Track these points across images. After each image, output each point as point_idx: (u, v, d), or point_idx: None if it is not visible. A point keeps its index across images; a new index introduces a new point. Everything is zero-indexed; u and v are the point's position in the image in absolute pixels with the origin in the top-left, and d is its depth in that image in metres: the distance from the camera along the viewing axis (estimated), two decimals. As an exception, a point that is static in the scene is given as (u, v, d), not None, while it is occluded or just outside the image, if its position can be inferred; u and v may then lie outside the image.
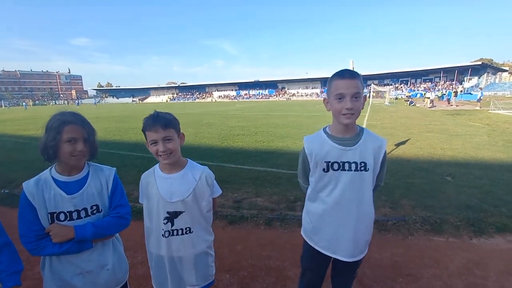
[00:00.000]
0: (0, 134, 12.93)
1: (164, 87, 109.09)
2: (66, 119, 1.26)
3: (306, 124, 13.55)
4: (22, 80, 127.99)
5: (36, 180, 1.28)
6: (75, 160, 1.28)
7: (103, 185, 1.38)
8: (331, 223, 1.52)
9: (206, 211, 1.53)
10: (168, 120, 1.40)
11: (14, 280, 1.21)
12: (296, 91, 79.91)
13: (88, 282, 1.33)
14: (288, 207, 3.94)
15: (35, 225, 1.23)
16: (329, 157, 1.46)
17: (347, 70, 1.40)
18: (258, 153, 7.25)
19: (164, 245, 1.45)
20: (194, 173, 1.48)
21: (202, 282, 1.54)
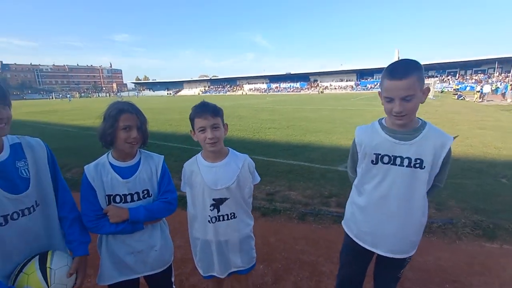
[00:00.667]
0: (52, 123, 14.36)
1: (196, 80, 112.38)
2: (123, 107, 1.37)
3: (340, 119, 13.06)
4: (69, 74, 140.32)
5: (96, 164, 1.40)
6: (129, 147, 1.38)
7: (153, 172, 1.47)
8: (374, 217, 1.47)
9: (248, 197, 1.59)
10: (217, 109, 1.45)
11: (83, 249, 1.31)
12: (329, 83, 77.14)
13: (139, 261, 1.45)
14: (322, 202, 3.85)
15: (95, 206, 1.36)
16: (380, 149, 1.41)
17: (399, 66, 1.29)
18: (290, 147, 7.17)
19: (211, 230, 1.51)
20: (236, 161, 1.53)
21: (246, 264, 1.60)
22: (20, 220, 1.14)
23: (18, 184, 1.14)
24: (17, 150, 1.18)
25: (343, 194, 4.06)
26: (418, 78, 1.25)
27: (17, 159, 1.17)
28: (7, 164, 1.13)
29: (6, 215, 1.10)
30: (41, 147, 1.27)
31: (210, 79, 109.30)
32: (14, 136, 1.22)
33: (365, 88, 66.32)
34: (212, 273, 1.60)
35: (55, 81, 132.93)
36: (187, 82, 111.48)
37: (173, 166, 5.87)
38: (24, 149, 1.20)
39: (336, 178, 4.75)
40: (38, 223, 1.22)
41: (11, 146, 1.18)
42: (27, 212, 1.16)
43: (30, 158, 1.21)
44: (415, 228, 1.46)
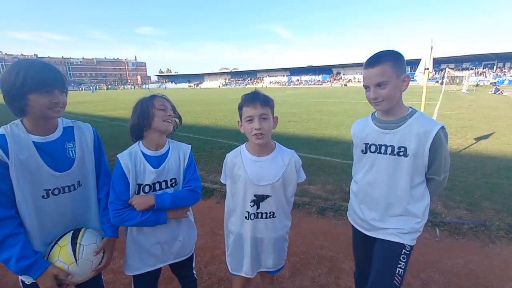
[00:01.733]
0: (82, 114, 15.09)
1: (217, 72, 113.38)
2: (153, 94, 1.46)
3: (363, 112, 12.53)
4: (98, 67, 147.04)
5: (129, 152, 1.41)
6: (168, 125, 1.42)
7: (180, 160, 1.49)
8: (364, 203, 1.52)
9: (291, 196, 1.51)
10: (267, 98, 1.38)
11: (113, 231, 1.37)
12: (352, 76, 74.50)
13: (165, 251, 1.48)
14: (343, 198, 3.74)
15: (124, 195, 1.36)
16: (368, 139, 1.47)
17: (373, 55, 1.35)
18: (311, 141, 7.04)
19: (249, 226, 1.45)
20: (283, 157, 1.44)
21: (277, 265, 1.55)
22: (60, 196, 1.23)
23: (63, 163, 1.23)
24: (69, 133, 1.28)
25: (365, 190, 3.93)
26: (392, 65, 1.29)
27: (67, 140, 1.26)
28: (57, 144, 1.22)
29: (48, 189, 1.19)
30: (89, 133, 1.36)
31: (231, 72, 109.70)
32: (69, 120, 1.32)
33: (391, 81, 63.35)
34: (240, 273, 1.54)
35: (84, 74, 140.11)
36: (208, 75, 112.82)
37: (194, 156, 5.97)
38: (74, 132, 1.30)
39: (358, 173, 4.60)
40: (77, 202, 1.29)
41: (64, 128, 1.27)
42: (68, 190, 1.25)
43: (78, 141, 1.29)
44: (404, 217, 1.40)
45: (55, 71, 1.15)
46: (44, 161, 1.17)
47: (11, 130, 1.14)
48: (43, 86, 1.10)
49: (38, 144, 1.17)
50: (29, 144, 1.15)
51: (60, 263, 1.19)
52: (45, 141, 1.19)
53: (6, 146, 1.10)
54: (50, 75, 1.12)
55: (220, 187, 4.20)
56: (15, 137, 1.13)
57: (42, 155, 1.17)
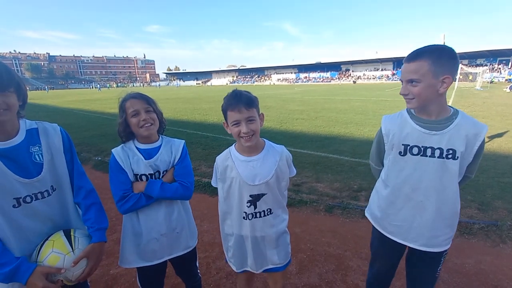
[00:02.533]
0: (93, 111, 15.40)
1: (224, 70, 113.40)
2: (126, 96, 1.46)
3: (372, 110, 12.42)
4: (108, 65, 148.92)
5: (122, 146, 1.49)
6: (144, 130, 1.42)
7: (173, 154, 1.53)
8: (404, 210, 1.41)
9: (284, 190, 1.50)
10: (251, 100, 1.32)
11: (99, 236, 1.27)
12: (362, 73, 73.41)
13: (163, 243, 1.50)
14: (351, 196, 3.73)
15: (124, 185, 1.41)
16: (409, 140, 1.35)
17: (414, 50, 1.27)
18: (319, 138, 7.00)
19: (248, 226, 1.44)
20: (274, 153, 1.43)
21: (283, 260, 1.54)
22: (33, 204, 1.15)
23: (30, 169, 1.14)
24: (33, 135, 1.19)
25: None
26: (431, 63, 1.19)
27: (32, 144, 1.17)
28: (20, 148, 1.13)
29: (19, 197, 1.11)
30: (56, 133, 1.26)
31: (238, 69, 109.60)
32: (33, 122, 1.23)
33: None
34: (246, 269, 1.55)
35: (95, 72, 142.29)
36: (215, 72, 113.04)
37: (201, 154, 6.02)
38: (40, 135, 1.21)
39: (366, 172, 4.55)
40: (53, 207, 1.23)
41: (28, 131, 1.18)
42: (41, 196, 1.17)
43: (45, 144, 1.20)
44: (451, 221, 1.39)
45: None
46: (8, 168, 1.09)
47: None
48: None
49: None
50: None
51: (55, 254, 1.14)
52: (6, 146, 1.10)
53: None
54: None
55: (228, 184, 4.24)
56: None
57: (5, 162, 1.08)
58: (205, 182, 4.20)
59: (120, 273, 2.43)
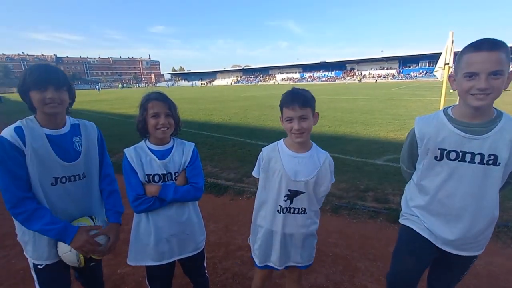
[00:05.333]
0: (99, 112, 15.58)
1: (229, 70, 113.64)
2: (150, 96, 1.48)
3: (378, 109, 12.32)
4: (113, 66, 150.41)
5: (135, 147, 1.51)
6: (160, 133, 1.45)
7: (184, 156, 1.54)
8: (439, 216, 1.35)
9: (322, 196, 1.52)
10: (307, 99, 1.35)
11: (116, 217, 1.50)
12: (367, 72, 72.79)
13: (173, 244, 1.52)
14: (358, 196, 3.70)
15: (136, 186, 1.44)
16: (446, 144, 1.26)
17: (487, 39, 1.11)
18: (324, 138, 6.95)
19: (279, 220, 1.48)
20: (319, 156, 1.46)
21: (305, 261, 1.57)
22: (66, 184, 1.36)
23: (71, 154, 1.36)
24: (76, 129, 1.43)
25: (381, 189, 3.86)
26: (506, 56, 1.08)
27: (75, 135, 1.40)
28: (66, 137, 1.36)
29: (57, 177, 1.32)
30: (93, 129, 1.51)
31: (243, 69, 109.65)
32: (75, 119, 1.48)
33: (408, 77, 61.59)
34: (269, 264, 1.58)
35: (101, 73, 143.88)
36: (220, 72, 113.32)
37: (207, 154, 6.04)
38: (80, 129, 1.44)
39: (373, 172, 4.52)
40: (81, 191, 1.42)
41: (72, 125, 1.42)
42: (73, 179, 1.38)
43: (84, 136, 1.43)
44: (486, 226, 1.32)
45: (51, 71, 1.26)
46: (54, 151, 1.30)
47: (27, 123, 1.28)
48: (37, 84, 1.23)
49: (50, 136, 1.31)
50: (42, 135, 1.28)
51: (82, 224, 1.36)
52: (55, 134, 1.33)
53: (23, 136, 1.23)
54: (45, 74, 1.24)
55: (233, 184, 4.24)
56: (30, 129, 1.26)
57: (52, 146, 1.30)
58: (210, 182, 4.20)
59: (127, 273, 2.45)
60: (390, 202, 3.51)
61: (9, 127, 1.25)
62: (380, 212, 3.30)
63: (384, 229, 3.04)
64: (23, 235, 1.35)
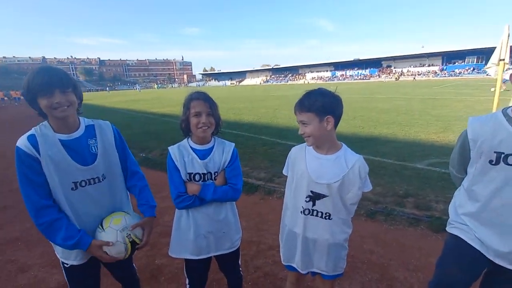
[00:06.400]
0: (136, 111, 16.53)
1: (258, 69, 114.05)
2: (193, 96, 1.51)
3: (418, 110, 11.50)
4: (150, 67, 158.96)
5: (178, 145, 1.56)
6: (201, 131, 1.48)
7: (224, 156, 1.57)
8: (492, 226, 1.25)
9: (350, 203, 1.41)
10: (309, 104, 1.30)
11: (151, 212, 1.50)
12: (406, 69, 68.25)
13: (210, 240, 1.56)
14: (396, 202, 3.49)
15: (179, 184, 1.50)
16: (503, 147, 1.16)
17: None
18: (358, 139, 6.68)
19: (301, 222, 1.45)
20: (347, 159, 1.37)
21: (330, 270, 1.49)
22: (87, 188, 1.34)
23: (87, 158, 1.33)
24: (90, 130, 1.38)
25: (422, 195, 3.60)
26: None
27: (89, 137, 1.37)
28: (80, 140, 1.33)
29: (76, 182, 1.31)
30: (109, 129, 1.45)
31: (272, 69, 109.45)
32: (89, 119, 1.43)
33: (452, 74, 56.65)
34: (292, 264, 1.57)
35: (138, 74, 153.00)
36: (249, 72, 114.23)
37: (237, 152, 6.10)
38: (96, 130, 1.40)
39: (414, 176, 4.22)
40: (103, 192, 1.40)
41: (86, 126, 1.38)
42: (93, 182, 1.35)
43: (100, 138, 1.39)
44: None
45: (54, 74, 1.20)
46: (70, 157, 1.28)
47: (40, 130, 1.26)
48: (42, 89, 1.18)
49: (64, 141, 1.28)
50: (56, 142, 1.26)
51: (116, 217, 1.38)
52: (69, 138, 1.30)
53: (37, 144, 1.22)
54: (48, 78, 1.18)
55: (264, 184, 4.24)
56: (44, 136, 1.25)
57: (68, 151, 1.28)
58: (241, 181, 4.24)
59: (164, 264, 2.57)
60: (433, 209, 3.26)
61: (24, 136, 1.24)
62: (421, 220, 3.08)
63: (425, 238, 2.83)
64: None
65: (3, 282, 2.43)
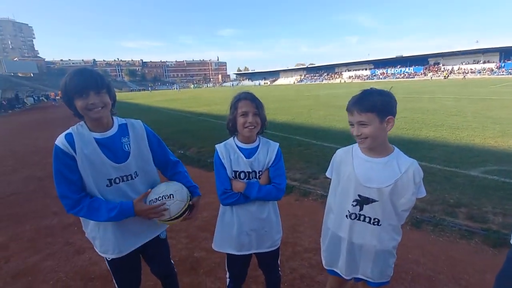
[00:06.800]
0: (173, 110, 17.37)
1: (292, 69, 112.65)
2: (240, 96, 1.54)
3: (471, 111, 10.42)
4: (187, 68, 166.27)
5: (225, 143, 1.60)
6: (247, 131, 1.50)
7: (269, 156, 1.58)
8: None
9: (403, 209, 1.33)
10: (370, 103, 1.23)
11: (198, 192, 1.62)
12: (457, 67, 62.13)
13: (252, 238, 1.59)
14: (446, 211, 3.20)
15: (225, 181, 1.55)
16: None
17: None
18: (401, 142, 6.24)
19: (347, 227, 1.40)
20: (400, 163, 1.30)
21: (376, 278, 1.43)
22: (120, 184, 1.39)
23: (120, 155, 1.38)
24: (123, 129, 1.43)
25: (477, 206, 3.26)
26: None
27: (122, 135, 1.41)
28: (114, 139, 1.38)
29: (111, 179, 1.36)
30: (141, 128, 1.49)
31: (307, 68, 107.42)
32: (122, 119, 1.48)
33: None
34: (335, 269, 1.53)
35: (176, 75, 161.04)
36: (283, 71, 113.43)
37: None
38: (128, 129, 1.45)
39: (467, 184, 3.84)
40: (136, 189, 1.44)
41: (119, 125, 1.43)
42: (126, 179, 1.40)
43: (132, 136, 1.44)
44: None
45: (89, 76, 1.25)
46: (104, 155, 1.32)
47: (77, 129, 1.32)
48: (78, 91, 1.24)
49: (99, 140, 1.33)
50: (91, 140, 1.31)
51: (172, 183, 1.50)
52: (104, 137, 1.35)
53: (73, 142, 1.27)
54: (82, 80, 1.23)
55: (299, 185, 4.18)
56: (80, 135, 1.30)
57: (102, 149, 1.32)
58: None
59: (202, 257, 2.67)
60: (489, 222, 2.94)
61: (62, 135, 1.30)
62: (476, 233, 2.79)
63: (480, 253, 2.56)
64: (90, 232, 1.44)
65: (62, 262, 2.73)
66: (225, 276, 1.78)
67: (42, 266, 2.67)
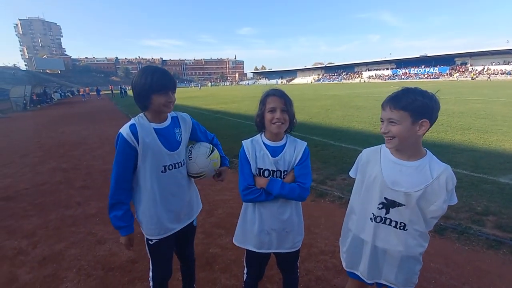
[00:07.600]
0: (192, 107, 17.63)
1: (310, 68, 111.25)
2: (269, 92, 1.52)
3: (502, 114, 9.81)
4: (205, 66, 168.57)
5: (251, 140, 1.59)
6: (275, 127, 1.47)
7: (295, 155, 1.54)
8: None
9: (431, 217, 1.26)
10: (405, 101, 1.17)
11: (227, 163, 1.84)
12: (486, 67, 58.83)
13: (273, 237, 1.57)
14: (473, 219, 3.03)
15: (248, 176, 1.54)
16: None
17: None
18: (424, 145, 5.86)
19: (371, 230, 1.35)
20: (432, 168, 1.23)
21: (400, 285, 1.36)
22: (173, 171, 1.54)
23: (174, 144, 1.53)
24: (175, 121, 1.60)
25: (507, 215, 3.07)
26: None
27: (175, 126, 1.58)
28: (169, 129, 1.54)
29: (165, 165, 1.50)
30: (188, 120, 1.69)
31: (325, 67, 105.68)
32: (173, 112, 1.62)
33: (547, 73, 46.87)
34: (356, 272, 1.47)
35: (194, 73, 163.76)
36: (300, 71, 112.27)
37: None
38: (179, 121, 1.62)
39: (496, 191, 3.62)
40: (184, 175, 1.62)
41: (172, 117, 1.59)
42: (177, 166, 1.56)
43: (183, 127, 1.62)
44: None
45: (170, 77, 1.43)
46: (161, 143, 1.47)
47: (139, 120, 1.46)
48: (162, 89, 1.40)
49: (157, 129, 1.48)
50: (151, 130, 1.46)
51: None
52: (161, 127, 1.50)
53: (136, 132, 1.41)
54: (167, 80, 1.41)
55: (315, 185, 4.11)
56: (142, 125, 1.44)
57: (159, 138, 1.47)
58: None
59: (217, 254, 2.69)
60: (520, 232, 2.75)
61: (126, 125, 1.44)
62: (505, 243, 2.63)
63: (508, 264, 2.41)
64: (139, 215, 1.57)
65: (85, 251, 2.85)
66: (241, 272, 1.79)
67: (66, 254, 2.80)
